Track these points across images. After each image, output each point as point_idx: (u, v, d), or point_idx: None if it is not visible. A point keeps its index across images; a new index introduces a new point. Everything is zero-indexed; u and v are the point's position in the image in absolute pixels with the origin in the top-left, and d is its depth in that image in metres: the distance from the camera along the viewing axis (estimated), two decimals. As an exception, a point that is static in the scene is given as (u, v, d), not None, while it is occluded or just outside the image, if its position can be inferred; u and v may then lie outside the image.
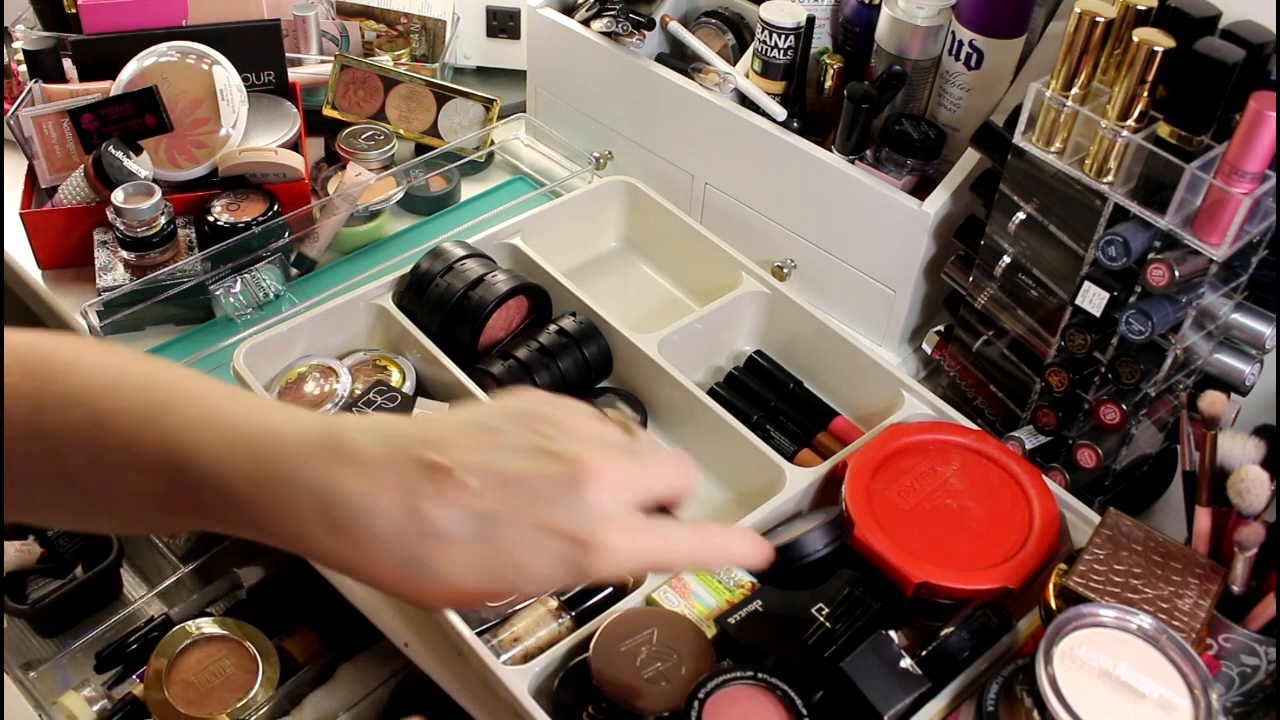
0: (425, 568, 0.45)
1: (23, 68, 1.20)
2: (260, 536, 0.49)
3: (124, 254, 1.06)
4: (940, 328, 1.01)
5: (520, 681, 0.73)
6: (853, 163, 1.00)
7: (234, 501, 0.47)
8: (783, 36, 1.03)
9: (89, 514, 0.53)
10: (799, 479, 0.87)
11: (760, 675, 0.71)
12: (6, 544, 1.15)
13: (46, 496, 0.52)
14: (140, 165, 1.07)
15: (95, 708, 1.07)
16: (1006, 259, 0.89)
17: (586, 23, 1.15)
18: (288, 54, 1.23)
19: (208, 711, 1.05)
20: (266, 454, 0.47)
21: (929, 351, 1.01)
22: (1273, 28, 0.76)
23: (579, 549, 0.45)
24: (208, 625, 1.11)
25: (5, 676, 1.01)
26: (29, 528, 1.17)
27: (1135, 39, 0.74)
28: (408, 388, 0.97)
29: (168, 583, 1.16)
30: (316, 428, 0.48)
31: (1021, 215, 0.86)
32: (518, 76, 1.33)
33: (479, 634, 0.77)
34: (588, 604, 0.80)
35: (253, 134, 1.16)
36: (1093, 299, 0.82)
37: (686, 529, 0.51)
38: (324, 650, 1.13)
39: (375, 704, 1.09)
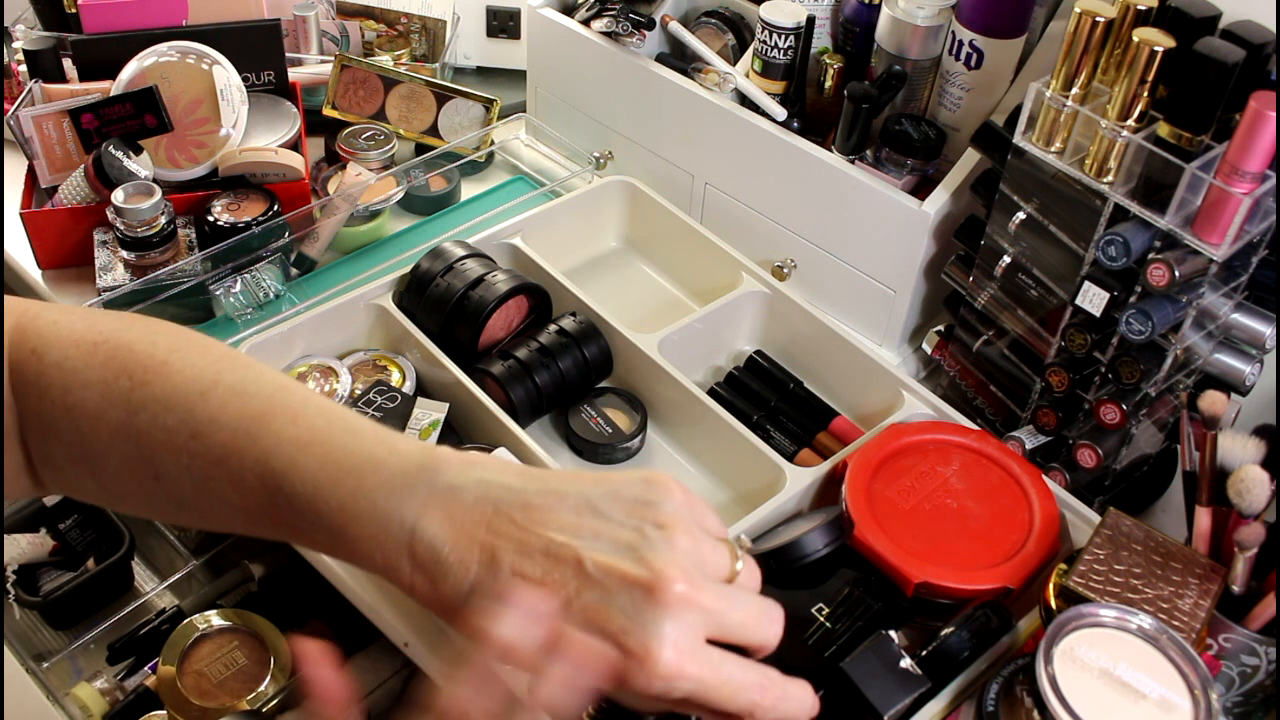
0: (487, 620, 0.45)
1: (23, 68, 1.20)
2: (349, 560, 0.48)
3: (124, 254, 1.06)
4: (940, 328, 1.01)
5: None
6: (853, 163, 1.00)
7: (326, 527, 0.47)
8: (783, 36, 1.03)
9: (178, 515, 0.53)
10: (799, 479, 0.87)
11: (760, 675, 0.71)
12: (19, 537, 1.16)
13: (138, 494, 0.52)
14: (140, 165, 1.07)
15: (107, 699, 1.08)
16: (1006, 259, 0.89)
17: (586, 23, 1.15)
18: (288, 54, 1.23)
19: (219, 702, 1.06)
20: (363, 486, 0.47)
21: (929, 351, 1.01)
22: (1273, 28, 0.76)
23: (626, 658, 0.45)
24: (219, 617, 1.11)
25: (20, 669, 1.01)
26: (40, 520, 1.18)
27: (1135, 39, 0.74)
28: (408, 388, 0.97)
29: (179, 575, 1.17)
30: (416, 461, 0.47)
31: (1021, 215, 0.86)
32: (518, 76, 1.33)
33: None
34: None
35: (253, 134, 1.16)
36: (1093, 299, 0.82)
37: (749, 671, 0.48)
38: (336, 642, 1.13)
39: (388, 695, 1.10)
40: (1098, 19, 0.77)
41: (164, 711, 1.07)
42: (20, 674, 1.00)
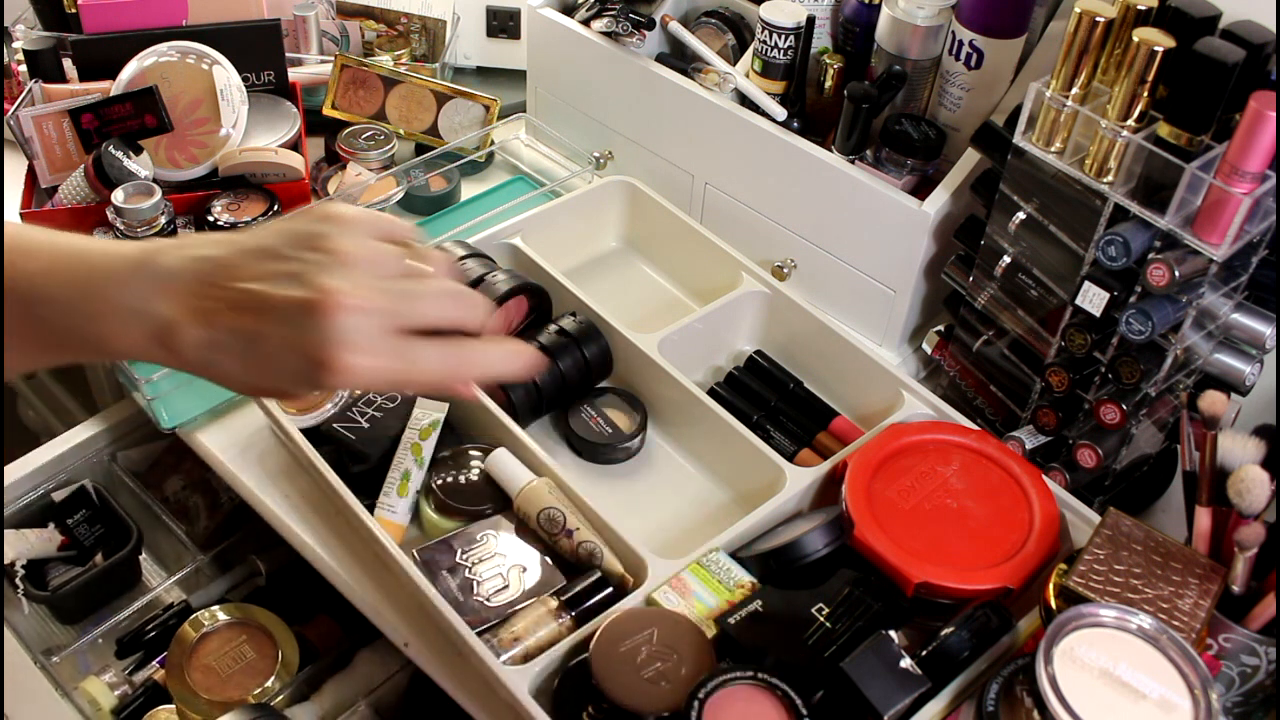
0: (222, 371, 0.54)
1: (23, 68, 1.20)
2: (107, 357, 0.57)
3: (124, 254, 1.06)
4: (940, 328, 1.01)
5: (520, 681, 0.73)
6: (853, 163, 1.00)
7: (83, 335, 0.56)
8: (783, 36, 1.03)
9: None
10: (799, 479, 0.87)
11: (760, 675, 0.71)
12: (28, 532, 1.17)
13: None
14: (140, 165, 1.07)
15: (116, 693, 1.09)
16: (1006, 259, 0.89)
17: (586, 23, 1.15)
18: (288, 54, 1.23)
19: (227, 696, 1.06)
20: (93, 289, 0.55)
21: (929, 351, 1.01)
22: (1273, 28, 0.76)
23: (312, 366, 0.52)
24: (227, 612, 1.12)
25: (29, 662, 1.02)
26: (49, 515, 1.19)
27: (1135, 39, 0.74)
28: (408, 388, 0.97)
29: (187, 570, 1.17)
30: (137, 258, 0.55)
31: (1021, 215, 0.86)
32: (518, 76, 1.33)
33: (479, 634, 0.77)
34: (588, 604, 0.80)
35: (253, 134, 1.16)
36: (1093, 299, 0.82)
37: (434, 347, 0.55)
38: (343, 637, 1.14)
39: (394, 689, 1.10)
40: (1098, 19, 0.77)
41: (172, 705, 1.08)
42: (30, 668, 1.01)
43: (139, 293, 0.54)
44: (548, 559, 0.84)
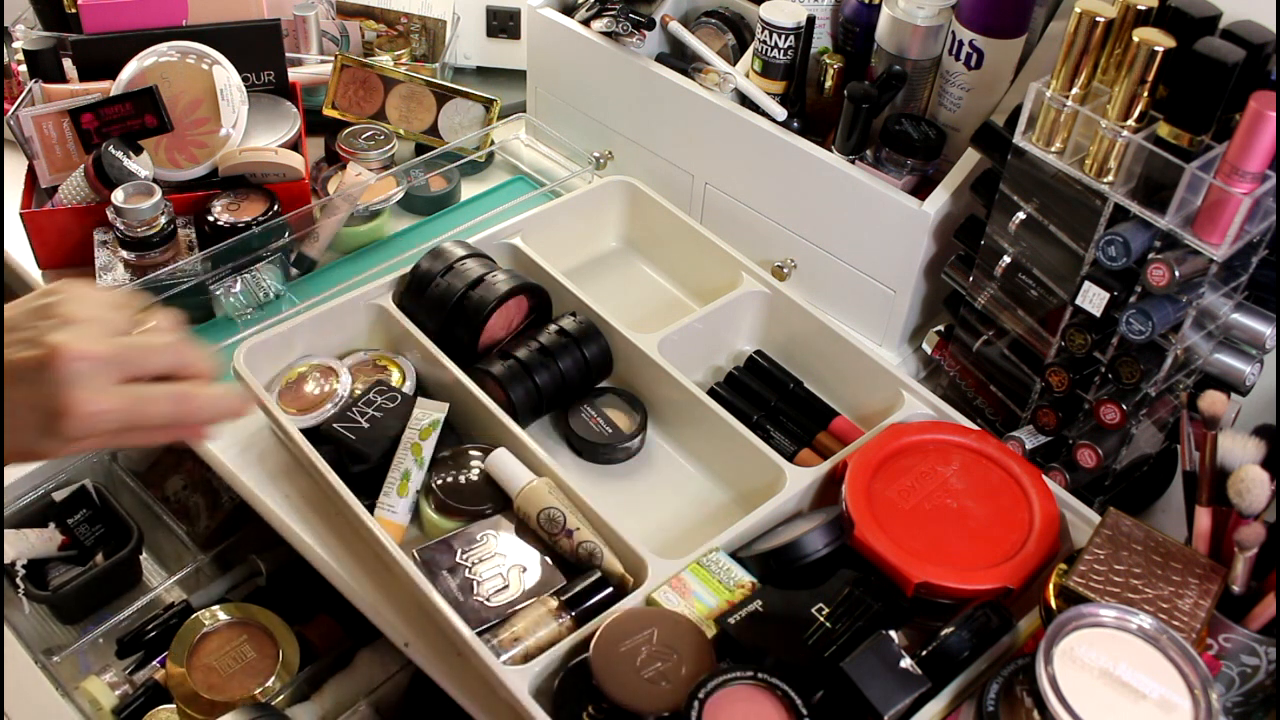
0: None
1: (23, 68, 1.20)
2: None
3: (124, 254, 1.06)
4: (940, 328, 1.01)
5: (520, 681, 0.73)
6: (853, 163, 1.00)
7: None
8: (783, 36, 1.03)
9: None
10: (799, 479, 0.87)
11: (760, 675, 0.71)
12: (29, 532, 1.17)
13: None
14: (140, 165, 1.07)
15: (117, 693, 1.09)
16: (1006, 259, 0.89)
17: (586, 23, 1.15)
18: (288, 54, 1.23)
19: (228, 696, 1.06)
20: None
21: (929, 351, 1.01)
22: (1273, 28, 0.76)
23: (50, 417, 0.56)
24: (227, 611, 1.12)
25: (30, 662, 1.02)
26: (49, 515, 1.20)
27: (1135, 39, 0.74)
28: (408, 387, 0.97)
29: (187, 570, 1.17)
30: None
31: (1021, 215, 0.86)
32: (518, 76, 1.33)
33: (479, 634, 0.77)
34: (588, 604, 0.80)
35: (253, 134, 1.16)
36: (1093, 299, 0.82)
37: (159, 390, 0.59)
38: (343, 637, 1.14)
39: (394, 689, 1.10)
40: (1098, 19, 0.77)
41: (173, 705, 1.08)
42: (30, 668, 1.01)
43: None
44: (548, 559, 0.84)
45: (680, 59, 1.14)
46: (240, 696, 1.06)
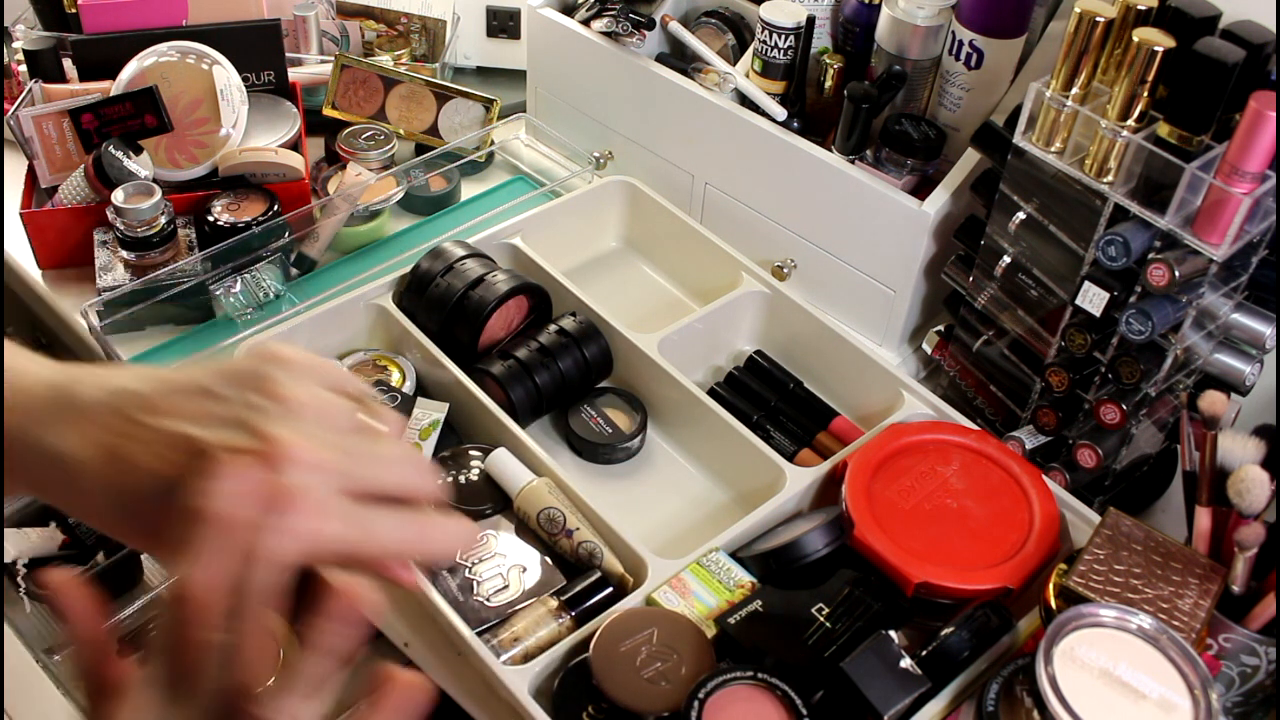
0: (128, 528, 0.47)
1: (23, 68, 1.20)
2: (57, 502, 0.49)
3: (124, 254, 1.06)
4: (940, 328, 1.01)
5: (520, 681, 0.73)
6: (853, 163, 1.00)
7: (24, 472, 0.48)
8: (783, 36, 1.03)
9: None
10: (799, 479, 0.87)
11: (760, 675, 0.71)
12: (29, 530, 1.17)
13: None
14: (140, 165, 1.07)
15: (119, 692, 1.09)
16: (1006, 259, 0.89)
17: (586, 23, 1.15)
18: (288, 54, 1.23)
19: None
20: (13, 414, 0.48)
21: (929, 351, 1.01)
22: (1273, 28, 0.76)
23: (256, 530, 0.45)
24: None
25: (31, 661, 1.02)
26: (50, 514, 1.19)
27: (1135, 39, 0.74)
28: (408, 388, 0.97)
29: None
30: (52, 383, 0.49)
31: (1021, 215, 0.86)
32: (518, 76, 1.33)
33: (479, 634, 0.77)
34: (588, 604, 0.80)
35: (253, 134, 1.16)
36: (1093, 299, 0.82)
37: (391, 518, 0.48)
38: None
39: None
40: (1098, 19, 0.77)
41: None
42: (31, 666, 1.01)
43: (53, 430, 0.47)
44: (548, 559, 0.84)
45: (680, 59, 1.14)
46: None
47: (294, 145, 1.17)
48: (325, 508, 0.45)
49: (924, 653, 0.73)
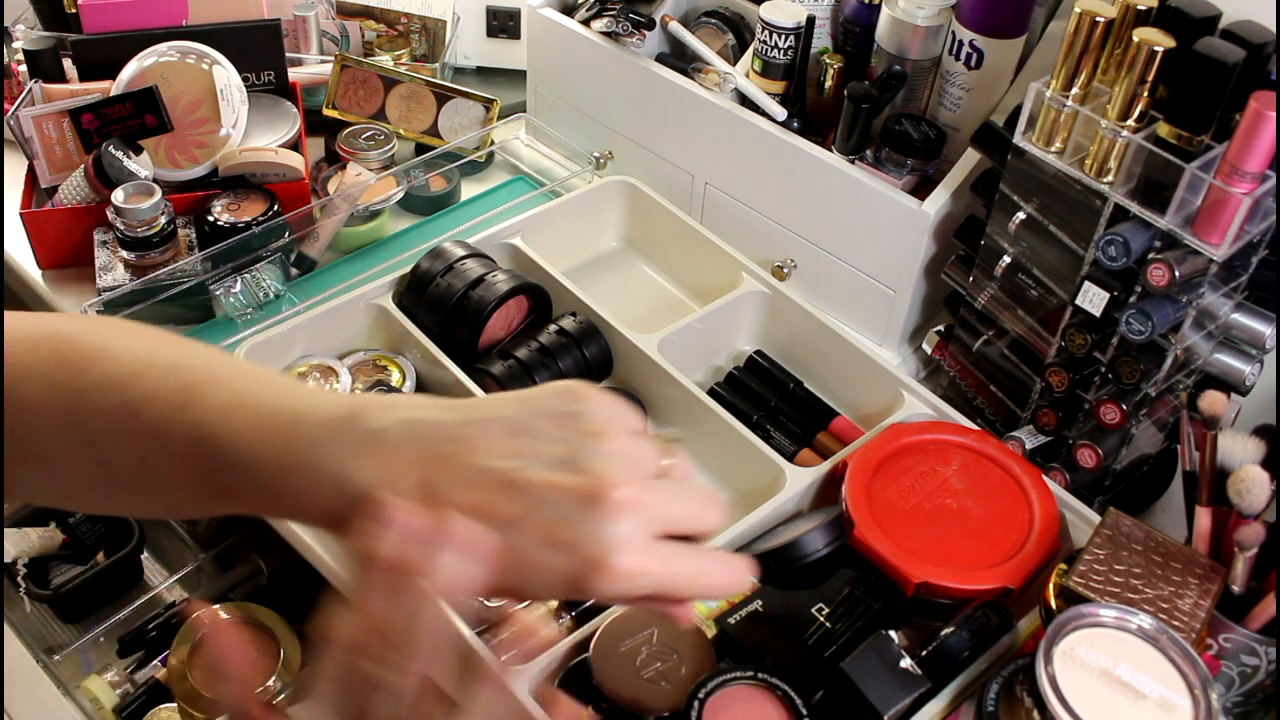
0: (367, 541, 0.45)
1: (23, 68, 1.20)
2: (290, 517, 0.49)
3: (124, 254, 1.06)
4: (940, 328, 1.01)
5: (520, 681, 0.73)
6: (853, 163, 1.00)
7: (263, 484, 0.48)
8: (783, 36, 1.03)
9: (128, 500, 0.53)
10: (799, 479, 0.87)
11: (760, 675, 0.71)
12: (30, 530, 1.17)
13: (87, 484, 0.53)
14: (140, 165, 1.07)
15: (118, 692, 1.09)
16: (1006, 259, 0.89)
17: (586, 23, 1.15)
18: (288, 54, 1.23)
19: None
20: (291, 440, 0.48)
21: (929, 351, 1.01)
22: (1273, 28, 0.76)
23: (585, 566, 0.45)
24: (229, 610, 1.12)
25: (31, 661, 1.02)
26: (50, 514, 1.19)
27: (1135, 39, 0.74)
28: (408, 388, 0.97)
29: (188, 569, 1.17)
30: (341, 411, 0.48)
31: (1021, 215, 0.86)
32: (518, 76, 1.33)
33: (479, 634, 0.77)
34: (588, 604, 0.79)
35: (253, 134, 1.16)
36: (1093, 299, 0.82)
37: (691, 555, 0.49)
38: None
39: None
40: (1098, 19, 0.77)
41: (174, 704, 1.08)
42: (32, 666, 1.01)
43: (339, 456, 0.47)
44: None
45: (680, 59, 1.14)
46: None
47: (294, 145, 1.17)
48: (647, 548, 0.46)
49: (924, 653, 0.73)
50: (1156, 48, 0.74)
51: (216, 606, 1.13)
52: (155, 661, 1.12)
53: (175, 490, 0.51)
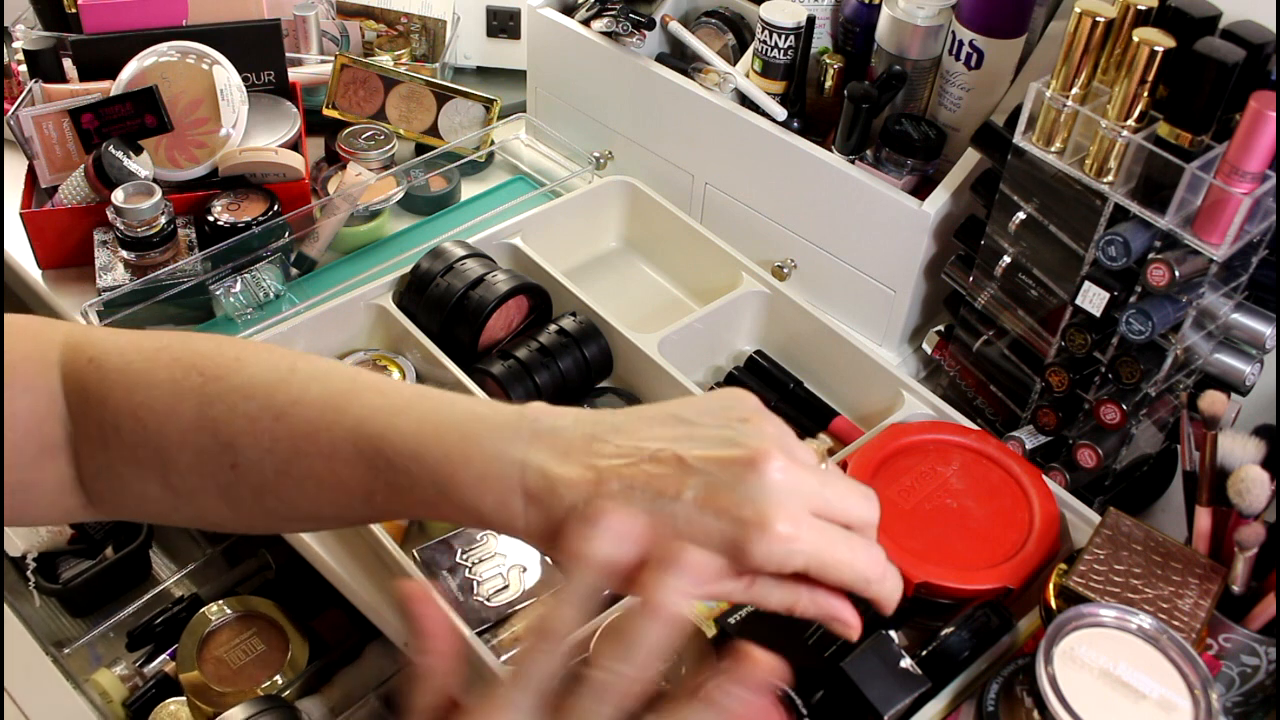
0: (580, 542, 0.47)
1: (23, 68, 1.20)
2: (456, 513, 0.51)
3: (124, 254, 1.06)
4: (940, 328, 1.01)
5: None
6: (853, 163, 1.00)
7: (432, 478, 0.50)
8: (783, 36, 1.03)
9: (254, 504, 0.54)
10: (799, 479, 0.87)
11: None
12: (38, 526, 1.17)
13: (213, 488, 0.54)
14: (140, 165, 1.07)
15: (127, 685, 1.10)
16: (1006, 259, 0.89)
17: (586, 23, 1.15)
18: (288, 54, 1.23)
19: (238, 688, 1.07)
20: (469, 434, 0.50)
21: (929, 351, 1.01)
22: (1273, 28, 0.76)
23: (743, 528, 0.46)
24: (237, 604, 1.13)
25: (41, 655, 1.02)
26: None
27: (1135, 39, 0.74)
28: (408, 388, 0.97)
29: (197, 563, 1.18)
30: (515, 411, 0.51)
31: (1021, 215, 0.86)
32: (518, 76, 1.33)
33: (479, 634, 0.77)
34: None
35: (253, 134, 1.16)
36: (1093, 299, 0.82)
37: (859, 543, 0.50)
38: (352, 630, 1.14)
39: (403, 682, 1.10)
40: (1098, 19, 0.77)
41: (183, 698, 1.08)
42: (41, 660, 1.02)
43: (515, 442, 0.49)
44: (548, 559, 0.84)
45: (680, 59, 1.14)
46: (249, 689, 1.07)
47: (294, 145, 1.17)
48: (803, 517, 0.48)
49: (924, 653, 0.73)
50: (1156, 48, 0.74)
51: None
52: (164, 655, 1.13)
53: (317, 490, 0.52)
